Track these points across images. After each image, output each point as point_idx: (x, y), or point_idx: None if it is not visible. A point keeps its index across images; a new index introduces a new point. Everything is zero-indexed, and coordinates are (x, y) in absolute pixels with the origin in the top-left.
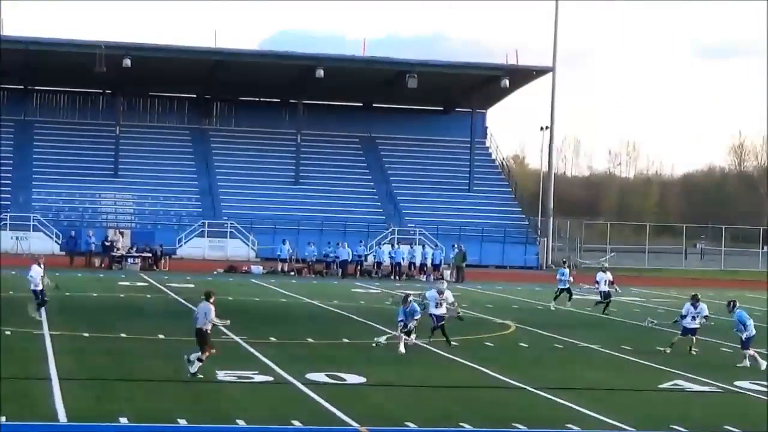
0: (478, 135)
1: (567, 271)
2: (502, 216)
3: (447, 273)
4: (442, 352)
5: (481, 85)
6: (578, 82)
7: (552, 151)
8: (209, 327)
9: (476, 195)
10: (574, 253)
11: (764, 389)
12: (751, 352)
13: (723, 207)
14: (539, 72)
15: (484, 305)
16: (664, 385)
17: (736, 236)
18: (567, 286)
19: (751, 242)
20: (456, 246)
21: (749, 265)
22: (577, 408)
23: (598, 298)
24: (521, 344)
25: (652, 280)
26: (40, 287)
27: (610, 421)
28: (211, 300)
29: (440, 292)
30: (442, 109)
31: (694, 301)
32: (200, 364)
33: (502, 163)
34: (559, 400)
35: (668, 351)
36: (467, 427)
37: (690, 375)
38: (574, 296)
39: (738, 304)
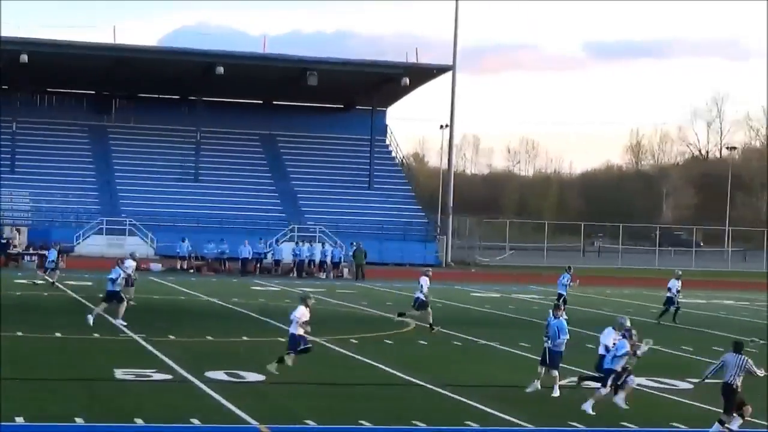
0: (378, 133)
1: (569, 276)
2: (402, 214)
3: (346, 271)
4: (342, 350)
5: (381, 84)
6: (478, 80)
7: (452, 149)
8: None
9: (376, 193)
10: (473, 251)
11: (663, 386)
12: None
13: (620, 205)
14: (439, 70)
15: (384, 303)
16: (562, 382)
17: (633, 234)
18: (565, 292)
19: (648, 240)
20: (355, 244)
21: (646, 263)
22: (476, 405)
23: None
24: (421, 342)
25: (552, 278)
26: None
27: (509, 418)
28: None
29: None
30: (342, 106)
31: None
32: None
33: (402, 161)
34: (458, 398)
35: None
36: (366, 424)
37: (588, 372)
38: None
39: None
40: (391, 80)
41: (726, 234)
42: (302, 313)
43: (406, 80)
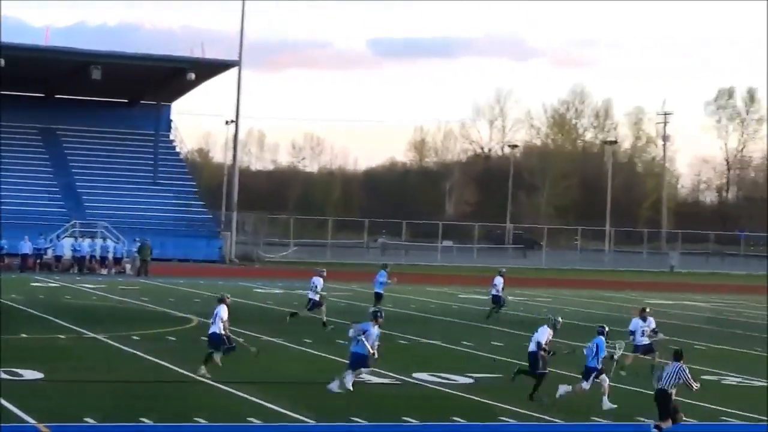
0: (162, 128)
1: (386, 273)
2: (186, 209)
3: (128, 266)
4: (123, 347)
5: (167, 78)
6: (265, 76)
7: (236, 145)
8: None
9: (160, 188)
10: (257, 247)
11: (441, 380)
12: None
13: (404, 202)
14: (225, 65)
15: (166, 299)
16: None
17: (417, 231)
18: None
19: (431, 237)
20: (139, 239)
21: (429, 259)
22: (259, 401)
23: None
24: (203, 338)
25: (334, 275)
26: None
27: (292, 414)
28: None
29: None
30: (127, 101)
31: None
32: None
33: (186, 156)
34: (241, 394)
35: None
36: (148, 422)
37: (372, 368)
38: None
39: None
40: (177, 75)
41: (507, 231)
42: (225, 312)
43: (192, 75)
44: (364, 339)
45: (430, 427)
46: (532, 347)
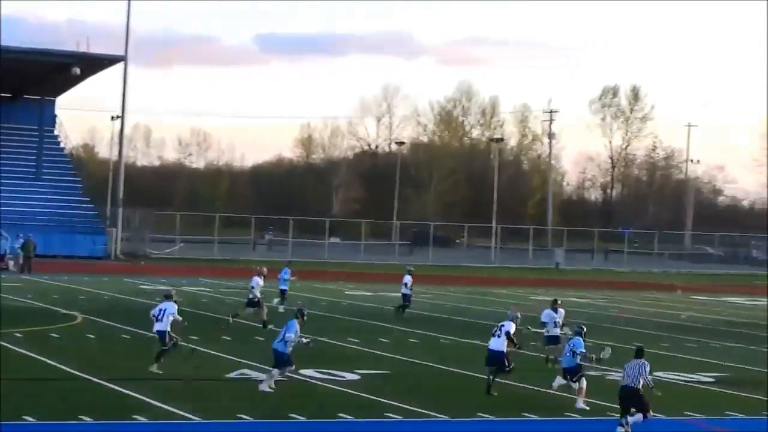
0: (47, 123)
1: (290, 270)
2: (71, 205)
3: (11, 263)
4: (6, 344)
5: (51, 73)
6: (152, 71)
7: (122, 140)
8: None
9: (44, 184)
10: (143, 243)
11: (329, 377)
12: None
13: (291, 198)
14: (111, 60)
15: (50, 296)
16: (232, 375)
17: (304, 227)
18: (286, 287)
19: (318, 233)
20: (22, 236)
21: (316, 256)
22: (145, 399)
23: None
24: (88, 335)
25: (222, 271)
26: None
27: (178, 411)
28: None
29: None
30: (10, 95)
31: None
32: None
33: (71, 152)
34: (126, 391)
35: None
36: (31, 420)
37: (256, 364)
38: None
39: None
40: (62, 69)
41: (394, 227)
42: (175, 308)
43: (77, 70)
44: (293, 338)
45: (317, 424)
46: (494, 346)
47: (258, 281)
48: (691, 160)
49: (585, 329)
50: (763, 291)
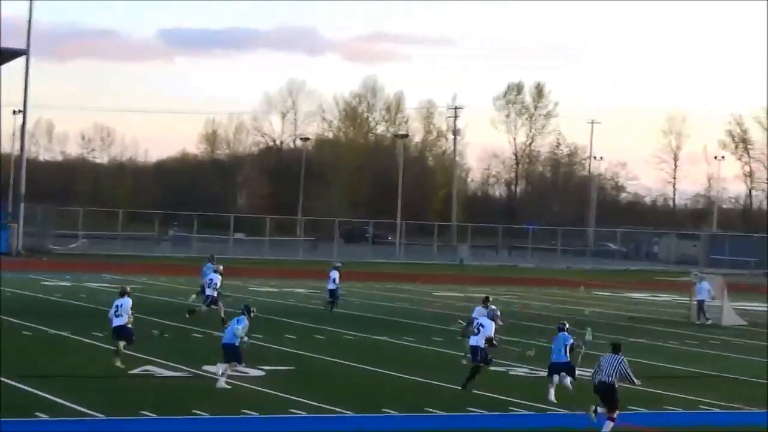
0: None
1: (338, 273)
2: None
3: None
4: None
5: None
6: (54, 65)
7: (24, 135)
8: None
9: None
10: (45, 239)
11: (233, 373)
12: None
13: (195, 194)
14: (12, 54)
15: None
16: (135, 371)
17: (208, 223)
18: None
19: (223, 229)
20: None
21: (221, 252)
22: (48, 396)
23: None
24: None
25: (125, 267)
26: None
27: (81, 409)
28: None
29: None
30: None
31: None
32: None
33: None
34: (28, 389)
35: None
36: None
37: (160, 360)
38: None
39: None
40: None
41: (299, 223)
42: (130, 303)
43: None
44: (240, 331)
45: (220, 420)
46: (474, 342)
47: (216, 278)
48: (594, 157)
49: (567, 324)
50: (664, 287)
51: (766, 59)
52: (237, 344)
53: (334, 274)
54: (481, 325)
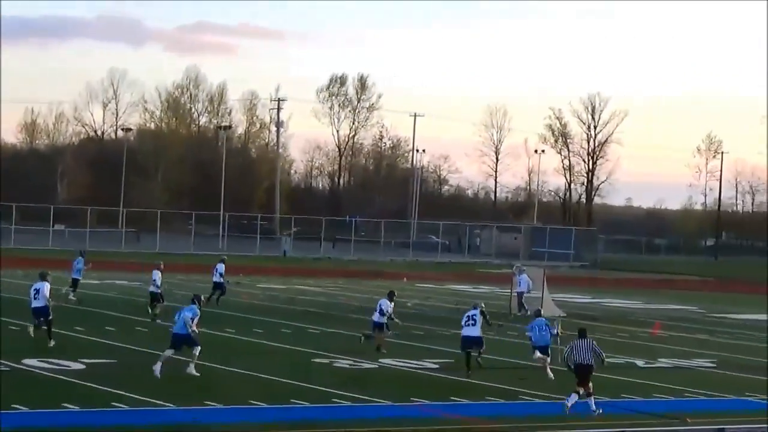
0: None
1: (83, 260)
2: None
3: None
4: None
5: None
6: None
7: None
8: None
9: None
10: None
11: (52, 366)
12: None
13: (15, 185)
14: None
15: None
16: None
17: (28, 214)
18: (80, 276)
19: (43, 220)
20: None
21: (40, 243)
22: None
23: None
24: None
25: None
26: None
27: None
28: None
29: None
30: None
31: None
32: None
33: None
34: None
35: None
36: None
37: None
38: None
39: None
40: None
41: (120, 214)
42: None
43: None
44: (189, 316)
45: (39, 414)
46: (471, 332)
47: (157, 275)
48: (417, 150)
49: (542, 309)
50: (486, 278)
51: (592, 53)
52: (187, 333)
53: (221, 268)
54: (474, 316)
